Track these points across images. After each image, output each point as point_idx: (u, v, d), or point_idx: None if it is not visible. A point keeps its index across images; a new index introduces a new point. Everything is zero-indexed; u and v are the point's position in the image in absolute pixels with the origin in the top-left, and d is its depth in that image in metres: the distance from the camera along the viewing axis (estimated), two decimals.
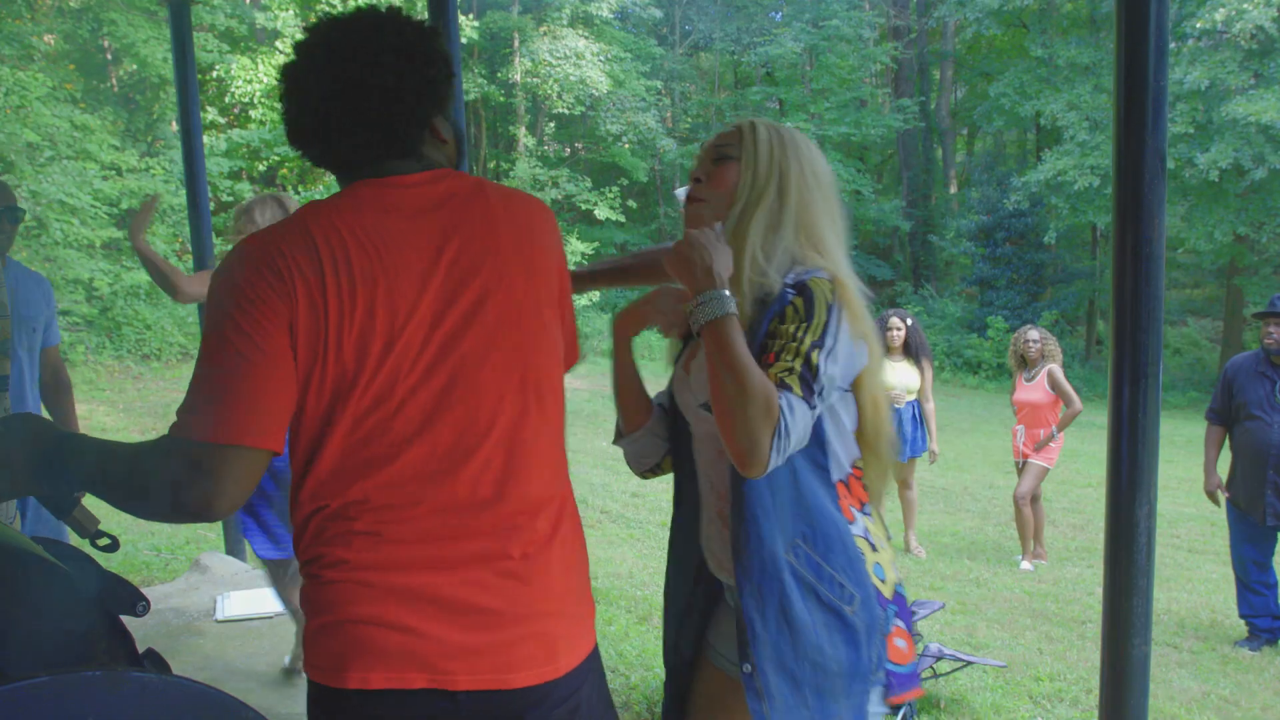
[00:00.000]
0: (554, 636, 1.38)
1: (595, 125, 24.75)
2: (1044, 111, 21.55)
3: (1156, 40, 2.12)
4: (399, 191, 1.38)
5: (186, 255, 15.10)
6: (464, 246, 1.37)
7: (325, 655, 1.32)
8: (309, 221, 1.33)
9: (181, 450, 1.23)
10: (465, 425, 1.34)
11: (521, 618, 1.34)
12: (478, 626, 1.32)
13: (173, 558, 5.72)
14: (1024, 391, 6.69)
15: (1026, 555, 6.70)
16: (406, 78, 1.38)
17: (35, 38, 15.68)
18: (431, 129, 1.46)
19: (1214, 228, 19.31)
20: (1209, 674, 4.66)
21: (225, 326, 1.26)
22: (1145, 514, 2.21)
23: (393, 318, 1.30)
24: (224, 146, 18.02)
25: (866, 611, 1.62)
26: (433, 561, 1.31)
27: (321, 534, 1.33)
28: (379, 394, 1.30)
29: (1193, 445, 14.04)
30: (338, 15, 1.41)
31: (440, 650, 1.29)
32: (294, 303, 1.27)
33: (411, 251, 1.34)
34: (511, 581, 1.35)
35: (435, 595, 1.30)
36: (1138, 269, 2.17)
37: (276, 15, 18.87)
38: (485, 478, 1.35)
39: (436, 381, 1.33)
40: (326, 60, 1.37)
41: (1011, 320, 22.08)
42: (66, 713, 1.12)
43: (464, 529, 1.33)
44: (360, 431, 1.31)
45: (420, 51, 1.40)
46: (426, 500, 1.32)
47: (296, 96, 1.40)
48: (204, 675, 1.39)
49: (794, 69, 26.08)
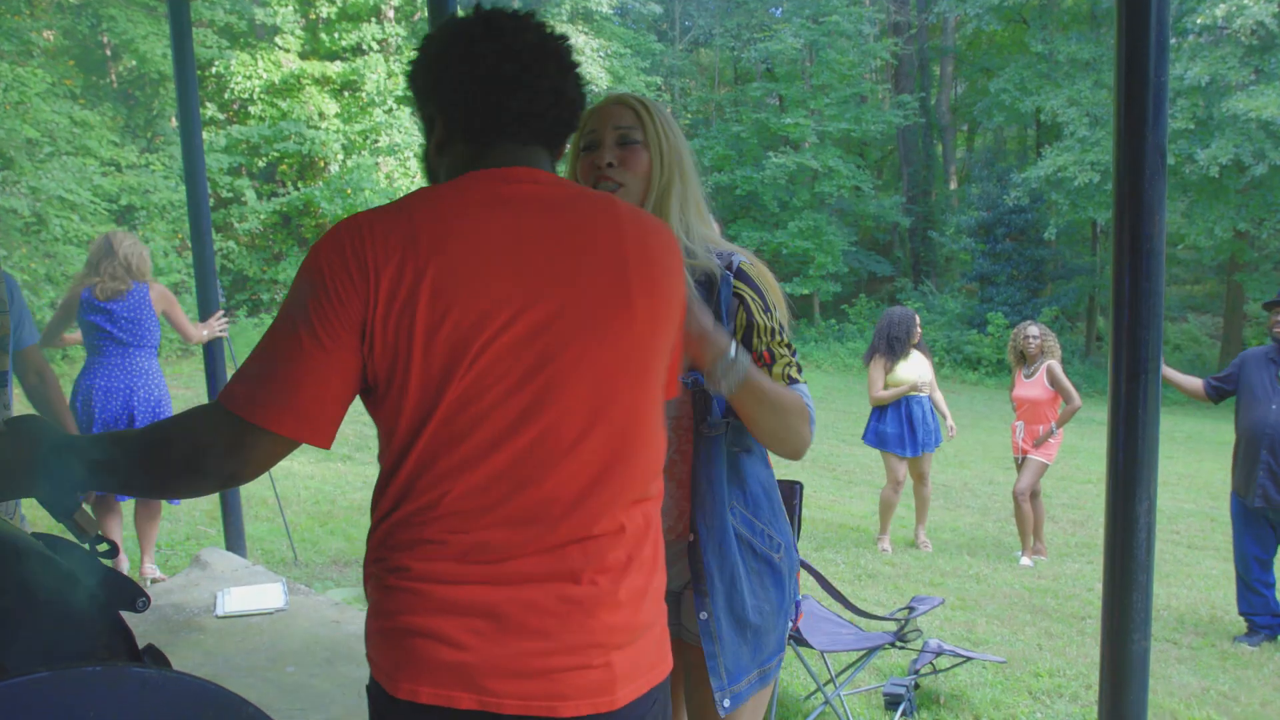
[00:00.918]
0: (614, 668, 1.31)
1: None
2: (1044, 107, 21.52)
3: (1157, 36, 2.11)
4: (525, 187, 1.33)
5: (186, 252, 15.10)
6: (581, 255, 1.32)
7: (383, 659, 1.31)
8: (412, 207, 1.28)
9: (223, 420, 1.24)
10: (545, 442, 1.28)
11: (578, 647, 1.28)
12: (529, 652, 1.26)
13: (173, 554, 5.72)
14: (1023, 388, 6.71)
15: (1026, 551, 6.72)
16: (565, 80, 1.38)
17: (35, 34, 15.66)
18: (559, 136, 1.44)
19: (1214, 224, 19.30)
20: (1208, 669, 4.66)
21: (297, 311, 1.24)
22: (1145, 509, 2.21)
23: (485, 318, 1.25)
24: (223, 142, 18.01)
25: (788, 555, 1.86)
26: (491, 576, 1.27)
27: (389, 538, 1.31)
28: (466, 398, 1.25)
29: (1193, 441, 14.11)
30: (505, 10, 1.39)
31: (489, 670, 1.25)
32: (373, 296, 1.22)
33: (521, 251, 1.29)
34: (572, 607, 1.29)
35: (489, 611, 1.26)
36: (1138, 265, 2.17)
37: (276, 11, 18.86)
38: (560, 496, 1.29)
39: (524, 395, 1.27)
40: (503, 41, 1.34)
41: (1011, 316, 22.06)
42: (67, 708, 1.12)
43: (528, 547, 1.28)
44: (444, 434, 1.26)
45: (571, 60, 1.41)
46: (494, 511, 1.27)
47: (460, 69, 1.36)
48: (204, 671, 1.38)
49: (794, 65, 26.04)
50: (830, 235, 24.37)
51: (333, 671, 3.68)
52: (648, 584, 1.37)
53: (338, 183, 18.34)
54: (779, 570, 1.83)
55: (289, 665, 3.77)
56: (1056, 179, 20.33)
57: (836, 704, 3.60)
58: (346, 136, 19.13)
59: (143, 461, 1.30)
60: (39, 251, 13.25)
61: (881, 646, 3.81)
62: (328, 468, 8.89)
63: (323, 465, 8.98)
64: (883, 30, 27.47)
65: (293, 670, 3.72)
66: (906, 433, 6.70)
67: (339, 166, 18.89)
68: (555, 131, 1.40)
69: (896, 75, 28.85)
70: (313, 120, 18.87)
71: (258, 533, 6.21)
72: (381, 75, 19.30)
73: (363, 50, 19.88)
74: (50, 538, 1.68)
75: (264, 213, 18.44)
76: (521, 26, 1.36)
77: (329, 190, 18.22)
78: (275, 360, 1.24)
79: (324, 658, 3.80)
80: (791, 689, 4.07)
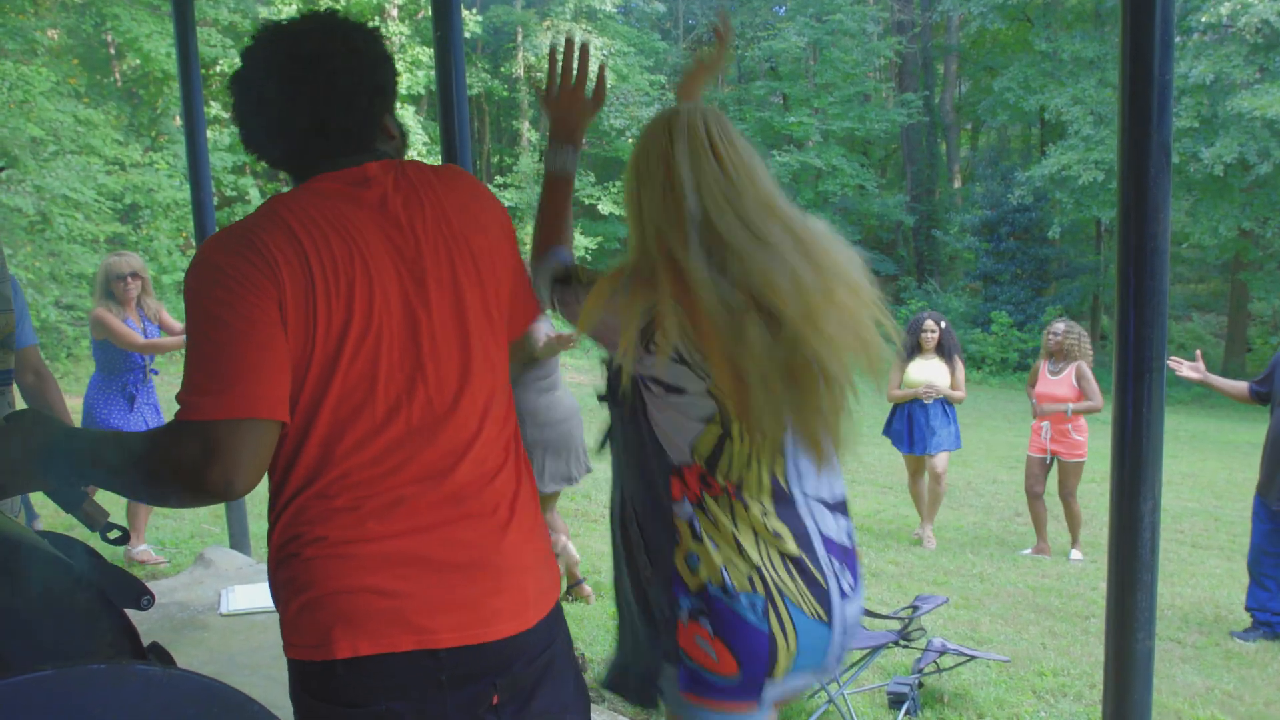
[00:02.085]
0: (525, 589, 1.43)
1: (599, 120, 24.65)
2: (1048, 106, 21.50)
3: (1162, 34, 2.11)
4: (363, 187, 1.42)
5: (190, 250, 15.11)
6: (425, 232, 1.43)
7: (311, 632, 1.34)
8: (281, 210, 1.35)
9: (194, 432, 1.24)
10: (433, 402, 1.40)
11: (496, 571, 1.40)
12: (457, 583, 1.36)
13: (177, 552, 5.73)
14: (1047, 384, 6.74)
15: (1077, 545, 6.82)
16: (362, 82, 1.43)
17: (39, 32, 15.67)
18: (383, 127, 1.51)
19: (1218, 222, 19.26)
20: (1213, 669, 4.66)
21: (213, 306, 1.27)
22: (1150, 509, 2.21)
23: (371, 302, 1.35)
24: (227, 141, 18.00)
25: (656, 591, 1.63)
26: (411, 527, 1.36)
27: (301, 514, 1.36)
28: (360, 376, 1.35)
29: (1197, 441, 14.09)
30: (284, 22, 1.44)
31: (424, 608, 1.34)
32: (280, 283, 1.29)
33: (382, 240, 1.39)
34: (483, 537, 1.40)
35: (416, 555, 1.35)
36: (1142, 264, 2.16)
37: (280, 10, 18.85)
38: (454, 447, 1.41)
39: (409, 362, 1.38)
40: (283, 69, 1.40)
41: (1015, 315, 22.05)
42: (71, 706, 1.12)
43: (436, 494, 1.38)
44: (342, 412, 1.35)
45: (370, 56, 1.45)
46: (401, 472, 1.37)
47: (253, 105, 1.44)
48: (208, 669, 1.39)
49: (798, 63, 26.02)
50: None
51: None
52: (532, 508, 1.51)
53: None
54: (650, 598, 1.68)
55: None
56: (1060, 177, 20.30)
57: (840, 702, 3.60)
58: None
59: (140, 475, 1.30)
60: (43, 250, 13.26)
61: (885, 645, 3.81)
62: None
63: None
64: (886, 29, 27.43)
65: None
66: (906, 431, 6.92)
67: None
68: (360, 127, 1.46)
69: (900, 74, 28.80)
70: None
71: (262, 531, 6.19)
72: None
73: None
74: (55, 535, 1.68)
75: None
76: (296, 36, 1.43)
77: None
78: (215, 356, 1.26)
79: None
80: None
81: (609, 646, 4.40)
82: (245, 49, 1.44)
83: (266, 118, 1.43)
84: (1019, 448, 11.73)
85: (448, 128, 3.47)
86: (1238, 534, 7.70)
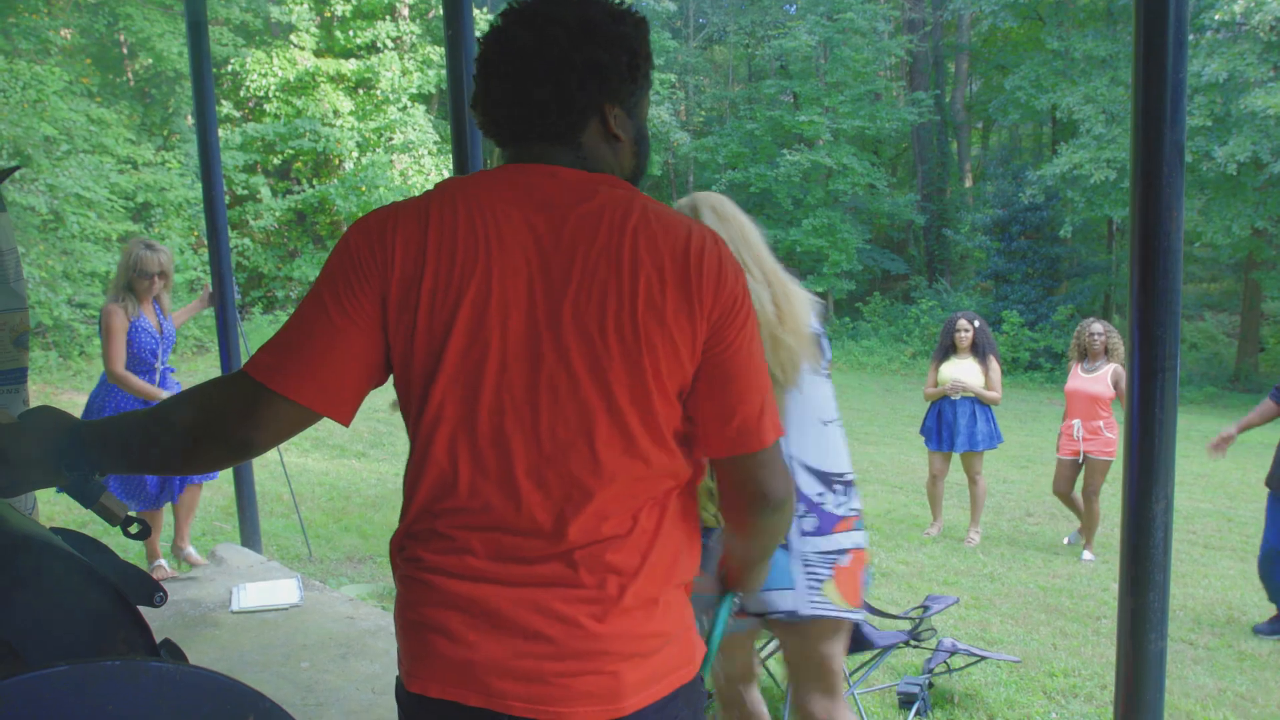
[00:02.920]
0: (621, 676, 1.26)
1: None
2: (1060, 104, 21.40)
3: (1176, 32, 2.10)
4: (539, 184, 1.30)
5: (202, 249, 15.17)
6: (583, 263, 1.25)
7: (402, 652, 1.34)
8: (434, 196, 1.31)
9: (244, 385, 1.27)
10: (545, 445, 1.25)
11: (584, 653, 1.25)
12: (531, 653, 1.24)
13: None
14: (1081, 381, 6.76)
15: (1090, 546, 6.81)
16: (574, 55, 1.28)
17: (52, 32, 15.76)
18: (603, 119, 1.35)
19: (1231, 221, 19.15)
20: (1225, 670, 4.64)
21: (323, 282, 1.28)
22: (1162, 509, 2.20)
23: (485, 311, 1.24)
24: (239, 140, 18.09)
25: None
26: (501, 577, 1.26)
27: (412, 527, 1.33)
28: (465, 391, 1.26)
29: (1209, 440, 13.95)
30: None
31: (492, 669, 1.24)
32: (388, 278, 1.26)
33: (528, 246, 1.26)
34: (579, 612, 1.25)
35: (494, 610, 1.25)
36: (1155, 263, 2.15)
37: (291, 9, 18.92)
38: (558, 500, 1.26)
39: (520, 390, 1.25)
40: (504, 20, 1.32)
41: (1026, 314, 21.98)
42: (86, 702, 1.13)
43: (536, 553, 1.26)
44: (449, 430, 1.28)
45: (600, 32, 1.29)
46: (498, 514, 1.27)
47: (479, 60, 1.35)
48: (219, 666, 1.39)
49: (808, 62, 25.97)
50: (844, 233, 24.31)
51: (347, 667, 3.70)
52: (660, 590, 1.30)
53: (352, 180, 18.41)
54: None
55: (304, 661, 3.79)
56: (1072, 176, 20.21)
57: (850, 702, 3.59)
58: (361, 134, 19.19)
59: (154, 432, 1.31)
60: (56, 249, 13.33)
61: (895, 645, 3.80)
62: (342, 464, 8.93)
63: (337, 462, 9.02)
64: (897, 27, 27.37)
65: (307, 666, 3.73)
66: (935, 428, 7.02)
67: (353, 164, 18.95)
68: (554, 103, 1.31)
69: (911, 72, 28.73)
70: (327, 118, 18.94)
71: (273, 529, 6.24)
72: (396, 73, 19.34)
73: (377, 48, 19.93)
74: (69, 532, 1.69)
75: (279, 210, 18.52)
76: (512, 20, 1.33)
77: (344, 187, 18.29)
78: (301, 332, 1.27)
79: (338, 653, 3.82)
80: None
81: None
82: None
83: (480, 75, 1.34)
84: (1030, 447, 11.71)
85: (458, 126, 3.48)
86: (1250, 535, 7.66)
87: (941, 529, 7.22)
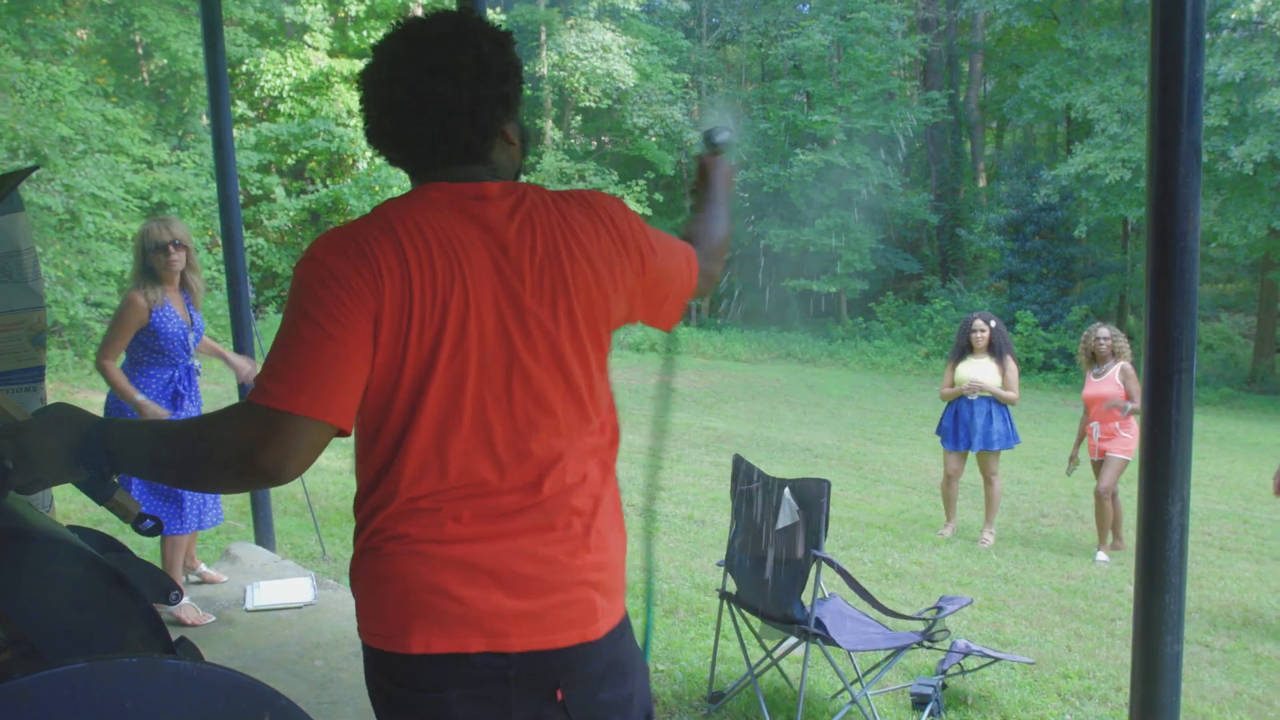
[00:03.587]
0: (593, 603, 1.48)
1: (622, 118, 24.73)
2: (1075, 104, 21.29)
3: (1193, 32, 2.09)
4: (477, 204, 1.46)
5: (217, 249, 15.24)
6: (531, 267, 1.45)
7: (387, 623, 1.42)
8: (393, 218, 1.40)
9: (263, 416, 1.30)
10: (519, 423, 1.44)
11: (565, 585, 1.45)
12: (528, 594, 1.43)
13: (203, 548, 5.77)
14: (1093, 386, 6.85)
15: (1103, 547, 6.80)
16: (482, 92, 1.44)
17: (68, 33, 15.85)
18: (504, 134, 1.53)
19: (1248, 222, 19.04)
20: (1241, 673, 4.61)
21: (312, 306, 1.33)
22: (1178, 510, 2.19)
23: (465, 323, 1.39)
24: (253, 140, 18.16)
25: None
26: (487, 535, 1.42)
27: (381, 509, 1.43)
28: (451, 391, 1.40)
29: (1225, 442, 13.94)
30: (415, 21, 1.47)
31: (494, 614, 1.41)
32: (380, 296, 1.34)
33: (487, 263, 1.43)
34: (559, 552, 1.45)
35: (490, 566, 1.41)
36: (1171, 264, 2.15)
37: (305, 9, 18.99)
38: (536, 466, 1.45)
39: (498, 384, 1.43)
40: (403, 68, 1.43)
41: (1040, 315, 21.89)
42: (105, 698, 1.13)
43: (516, 507, 1.44)
44: (433, 425, 1.41)
45: (496, 65, 1.45)
46: (485, 484, 1.43)
47: (375, 101, 1.47)
48: (234, 664, 1.40)
49: (821, 61, 25.92)
50: (858, 233, 24.27)
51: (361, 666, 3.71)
52: (610, 522, 1.54)
53: (366, 180, 18.46)
54: None
55: (318, 659, 3.80)
56: (1087, 176, 20.12)
57: (863, 703, 3.59)
58: None
59: (187, 456, 1.33)
60: (72, 248, 13.41)
61: (909, 646, 3.80)
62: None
63: (351, 461, 9.04)
64: (911, 27, 27.29)
65: (321, 664, 3.75)
66: (952, 428, 7.04)
67: (367, 164, 19.00)
68: (476, 135, 1.48)
69: (925, 72, 28.66)
70: (341, 118, 19.00)
71: (286, 527, 6.26)
72: None
73: None
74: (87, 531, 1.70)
75: (293, 210, 18.59)
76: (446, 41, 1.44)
77: (357, 187, 18.35)
78: (302, 353, 1.32)
79: (352, 651, 3.83)
80: (818, 688, 4.06)
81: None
82: (378, 45, 1.47)
83: (393, 120, 1.46)
84: (1044, 448, 11.66)
85: None
86: (1267, 537, 7.62)
87: (955, 529, 7.21)
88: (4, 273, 3.13)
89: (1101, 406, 6.69)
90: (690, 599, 5.23)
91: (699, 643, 4.52)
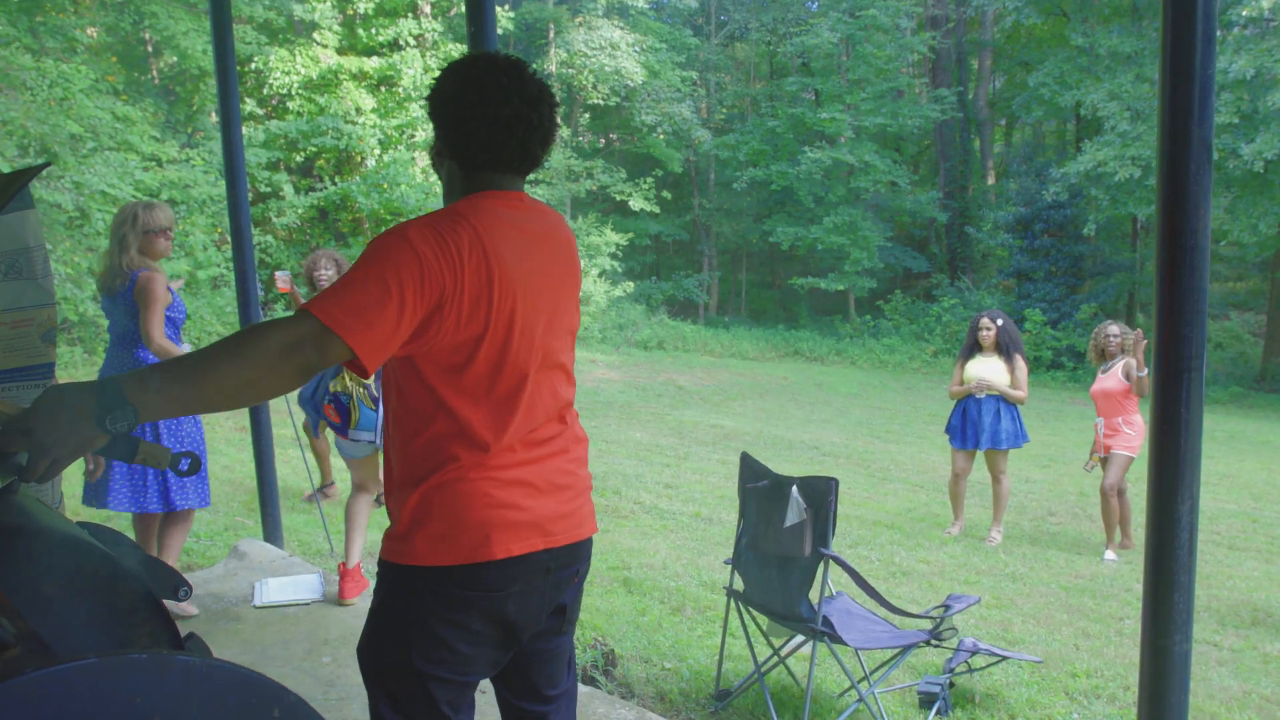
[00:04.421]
0: (589, 504, 2.00)
1: (630, 116, 24.73)
2: (1084, 101, 21.22)
3: (1204, 28, 2.08)
4: (521, 212, 1.86)
5: (226, 246, 15.26)
6: (554, 267, 1.89)
7: (470, 538, 1.76)
8: (471, 219, 1.73)
9: (317, 326, 1.54)
10: (553, 379, 1.91)
11: (581, 491, 1.96)
12: (564, 499, 1.89)
13: (211, 544, 5.79)
14: (1100, 382, 6.89)
15: (1111, 545, 6.80)
16: (553, 125, 1.88)
17: (78, 31, 15.88)
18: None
19: (1258, 220, 18.96)
20: (1250, 673, 4.60)
21: (390, 275, 1.60)
22: (1187, 509, 2.18)
23: (514, 306, 1.76)
24: (262, 137, 18.18)
25: None
26: (535, 459, 1.85)
27: (440, 449, 1.77)
28: (515, 358, 1.79)
29: (1235, 441, 13.90)
30: (513, 58, 1.85)
31: (549, 517, 1.85)
32: (460, 279, 1.67)
33: (532, 263, 1.82)
34: (572, 466, 1.94)
35: (538, 479, 1.85)
36: (1181, 261, 2.14)
37: (314, 7, 19.00)
38: (551, 407, 1.90)
39: (528, 353, 1.81)
40: (512, 93, 1.79)
41: (1049, 313, 21.84)
42: (115, 694, 1.14)
43: (550, 436, 1.89)
44: (482, 383, 1.77)
45: (553, 100, 1.88)
46: (532, 424, 1.85)
47: (476, 111, 1.78)
48: (242, 660, 1.40)
49: (830, 59, 25.89)
50: (866, 231, 24.24)
51: None
52: (585, 453, 2.04)
53: (374, 177, 18.47)
54: None
55: (325, 656, 3.81)
56: (1096, 174, 20.06)
57: (870, 701, 3.59)
58: (383, 131, 19.25)
59: (227, 351, 1.48)
60: (81, 245, 13.43)
61: (916, 644, 3.79)
62: None
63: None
64: (920, 24, 27.25)
65: (329, 661, 3.76)
66: (960, 427, 7.06)
67: (375, 161, 19.01)
68: (534, 164, 1.90)
69: (934, 69, 28.61)
70: (350, 115, 19.01)
71: (294, 524, 6.27)
72: (418, 70, 19.40)
73: (399, 46, 20.00)
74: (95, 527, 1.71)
75: (301, 207, 18.60)
76: (523, 74, 1.84)
77: (366, 185, 18.35)
78: (365, 302, 1.57)
79: None
80: (825, 686, 4.06)
81: (639, 642, 4.41)
82: (483, 67, 1.81)
83: (490, 131, 1.79)
84: (1052, 447, 11.65)
85: None
86: (1276, 536, 7.59)
87: (963, 528, 7.20)
88: (14, 270, 3.14)
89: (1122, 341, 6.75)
90: (697, 597, 5.23)
91: (706, 640, 4.52)
